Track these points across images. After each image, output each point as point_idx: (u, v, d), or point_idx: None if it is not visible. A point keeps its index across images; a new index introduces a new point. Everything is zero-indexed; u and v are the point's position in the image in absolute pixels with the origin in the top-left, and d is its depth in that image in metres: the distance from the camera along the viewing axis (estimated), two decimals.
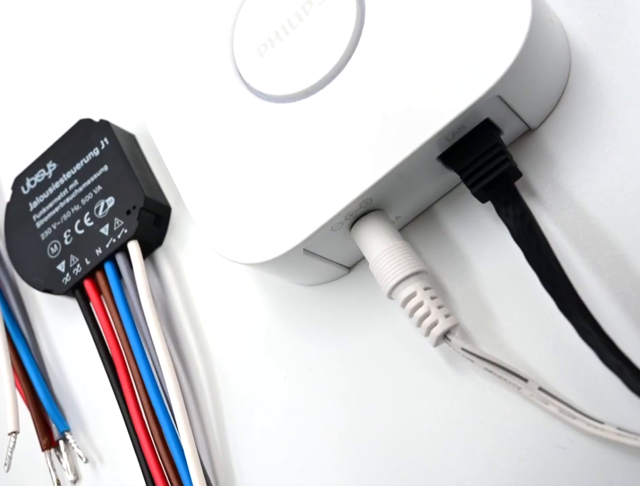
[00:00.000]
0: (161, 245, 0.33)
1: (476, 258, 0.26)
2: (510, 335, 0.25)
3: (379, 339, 0.27)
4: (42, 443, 0.33)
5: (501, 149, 0.24)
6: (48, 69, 0.39)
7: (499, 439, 0.24)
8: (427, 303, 0.24)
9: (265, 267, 0.26)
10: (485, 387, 0.24)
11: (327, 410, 0.27)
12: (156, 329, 0.30)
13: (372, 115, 0.24)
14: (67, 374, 0.34)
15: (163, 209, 0.33)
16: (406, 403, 0.26)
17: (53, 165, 0.34)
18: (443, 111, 0.22)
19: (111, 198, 0.32)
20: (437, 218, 0.27)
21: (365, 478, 0.26)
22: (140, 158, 0.34)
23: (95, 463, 0.32)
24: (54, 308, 0.35)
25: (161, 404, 0.29)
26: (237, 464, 0.29)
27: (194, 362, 0.31)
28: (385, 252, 0.25)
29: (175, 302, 0.32)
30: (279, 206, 0.25)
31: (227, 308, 0.31)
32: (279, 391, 0.28)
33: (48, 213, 0.34)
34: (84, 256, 0.32)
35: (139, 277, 0.31)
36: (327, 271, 0.28)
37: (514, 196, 0.23)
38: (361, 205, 0.24)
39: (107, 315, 0.32)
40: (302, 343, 0.28)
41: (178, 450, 0.28)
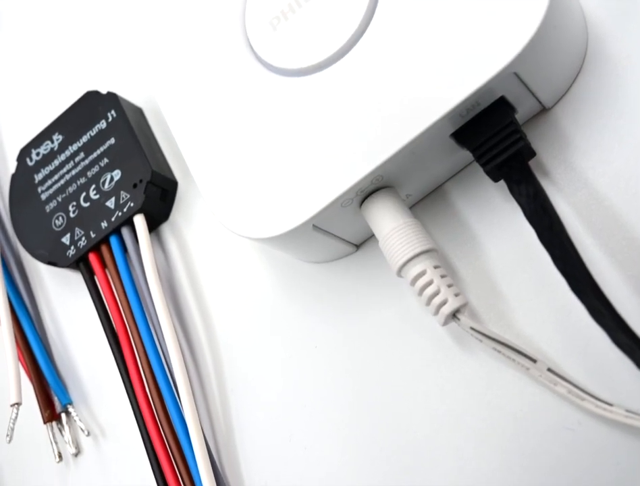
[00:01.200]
0: (167, 220, 0.33)
1: (487, 238, 0.26)
2: (519, 315, 0.24)
3: (386, 317, 0.27)
4: (44, 415, 0.33)
5: (516, 127, 0.23)
6: (56, 40, 0.39)
7: (507, 419, 0.24)
8: (437, 281, 0.24)
9: (273, 243, 0.26)
10: (492, 367, 0.24)
11: (332, 387, 0.27)
12: (161, 304, 0.30)
13: (386, 90, 0.24)
14: (69, 348, 0.34)
15: (169, 184, 0.32)
16: (412, 381, 0.26)
17: (59, 137, 0.34)
18: (460, 86, 0.22)
19: (118, 171, 0.32)
20: (448, 197, 0.27)
21: (369, 456, 0.26)
22: (147, 132, 0.33)
23: (97, 436, 0.32)
24: (57, 281, 0.35)
25: (165, 379, 0.29)
26: (241, 440, 0.28)
27: (198, 338, 0.31)
28: (396, 230, 0.24)
29: (180, 277, 0.32)
30: (289, 181, 0.25)
31: (233, 285, 0.30)
32: (284, 367, 0.28)
33: (53, 185, 0.33)
34: (89, 229, 0.32)
35: (145, 251, 0.31)
36: (335, 248, 0.27)
37: (527, 175, 0.23)
38: (372, 182, 0.24)
39: (112, 289, 0.31)
40: (308, 320, 0.28)
41: (181, 425, 0.28)
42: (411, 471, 0.25)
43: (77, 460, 0.32)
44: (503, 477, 0.23)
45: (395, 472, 0.25)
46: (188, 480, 0.28)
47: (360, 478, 0.26)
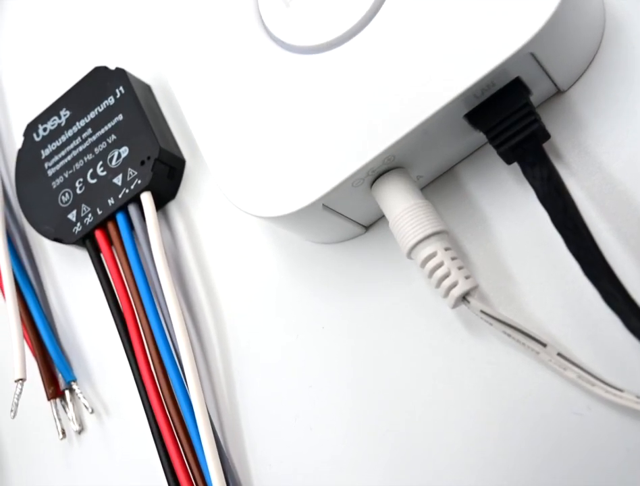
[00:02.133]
0: (174, 198, 0.33)
1: (498, 221, 0.25)
2: (530, 299, 0.24)
3: (394, 299, 0.27)
4: (48, 392, 0.32)
5: (531, 109, 0.23)
6: (64, 15, 0.38)
7: (515, 403, 0.24)
8: (447, 263, 0.24)
9: (283, 222, 0.26)
10: (502, 350, 0.24)
11: (339, 368, 0.27)
12: (167, 282, 0.29)
13: (400, 69, 0.23)
14: (74, 325, 0.34)
15: (177, 162, 0.32)
16: (419, 364, 0.25)
17: (67, 113, 0.34)
18: (476, 66, 0.22)
19: (125, 148, 0.32)
20: (459, 179, 0.26)
21: (375, 438, 0.26)
22: (156, 109, 0.33)
23: (101, 414, 0.32)
24: (63, 257, 0.35)
25: (170, 357, 0.29)
26: (245, 420, 0.28)
27: (204, 317, 0.31)
28: (407, 210, 0.24)
29: (187, 256, 0.32)
30: (300, 160, 0.25)
31: (240, 264, 0.30)
32: (291, 348, 0.28)
33: (60, 161, 0.33)
34: (95, 205, 0.32)
35: (151, 228, 0.30)
36: (344, 229, 0.27)
37: (541, 157, 0.23)
38: (384, 162, 0.24)
39: (118, 266, 0.31)
40: (315, 301, 0.28)
41: (186, 403, 0.28)
42: (416, 454, 0.25)
43: (80, 437, 0.32)
44: (510, 461, 0.23)
45: (400, 454, 0.25)
46: (192, 459, 0.28)
47: (365, 459, 0.26)
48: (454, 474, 0.24)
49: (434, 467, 0.25)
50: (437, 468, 0.25)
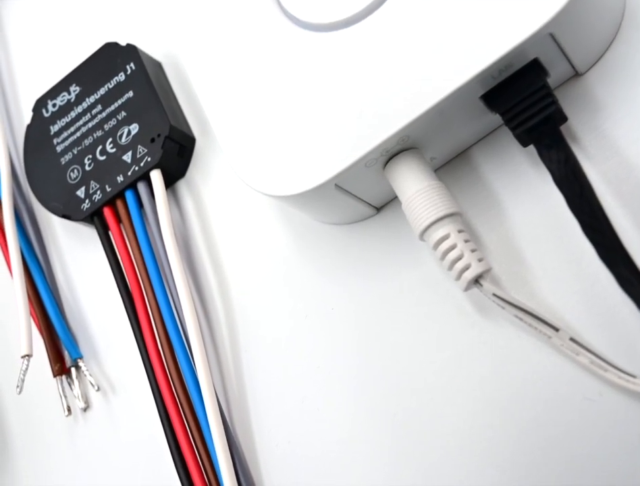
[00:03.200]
0: (184, 177, 0.33)
1: (512, 204, 0.25)
2: (543, 284, 0.24)
3: (405, 281, 0.26)
4: (54, 369, 0.32)
5: (548, 91, 0.23)
6: None
7: (526, 388, 0.23)
8: (460, 246, 0.23)
9: (294, 201, 0.25)
10: (513, 335, 0.24)
11: (348, 350, 0.27)
12: (176, 260, 0.29)
13: (416, 47, 0.23)
14: (81, 303, 0.34)
15: (187, 140, 0.32)
16: (430, 347, 0.25)
17: (76, 89, 0.33)
18: (495, 45, 0.22)
19: (135, 125, 0.31)
20: (473, 162, 0.26)
21: (383, 419, 0.26)
22: (166, 86, 0.33)
23: (107, 392, 0.32)
24: (70, 235, 0.35)
25: (178, 336, 0.29)
26: (253, 400, 0.28)
27: (211, 297, 0.30)
28: (420, 192, 0.24)
29: (196, 234, 0.32)
30: (313, 139, 0.24)
31: (249, 244, 0.30)
32: (299, 328, 0.28)
33: (69, 137, 0.33)
34: (104, 182, 0.31)
35: (161, 206, 0.30)
36: (355, 209, 0.27)
37: (558, 140, 0.22)
38: (398, 142, 0.24)
39: (126, 244, 0.31)
40: (325, 282, 0.28)
41: (193, 383, 0.28)
42: (424, 436, 0.25)
43: (86, 414, 0.32)
44: (519, 446, 0.23)
45: (408, 436, 0.25)
46: (198, 438, 0.27)
47: (373, 441, 0.26)
48: (462, 458, 0.24)
49: (442, 450, 0.24)
50: (445, 451, 0.24)
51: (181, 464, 0.27)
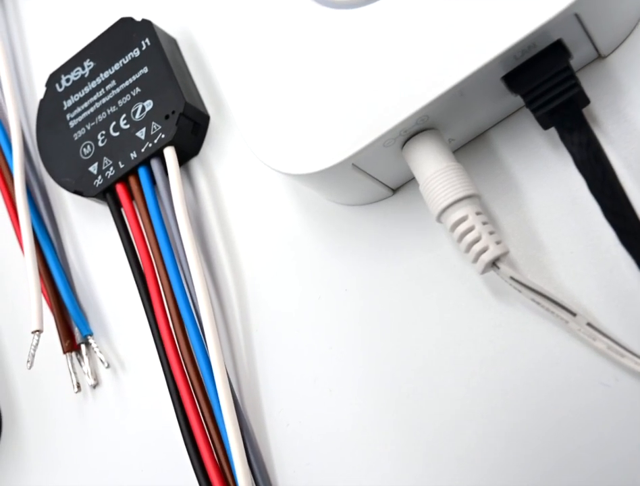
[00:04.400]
0: (197, 155, 0.32)
1: (530, 187, 0.25)
2: (560, 268, 0.24)
3: (420, 263, 0.26)
4: (64, 345, 0.32)
5: (571, 73, 0.22)
6: None
7: (541, 372, 0.23)
8: (478, 228, 0.23)
9: (310, 180, 0.25)
10: (529, 318, 0.24)
11: (361, 331, 0.27)
12: (188, 238, 0.29)
13: (439, 26, 0.23)
14: (91, 280, 0.34)
15: (202, 117, 0.32)
16: (444, 329, 0.25)
17: (91, 64, 0.33)
18: (519, 25, 0.21)
19: (150, 101, 0.31)
20: (492, 144, 0.26)
21: (396, 401, 0.25)
22: (181, 63, 0.33)
23: (116, 369, 0.32)
24: (82, 211, 0.35)
25: (189, 314, 0.28)
26: (264, 379, 0.28)
27: (224, 275, 0.30)
28: (439, 173, 0.24)
29: (208, 213, 0.31)
30: (331, 117, 0.24)
31: (262, 224, 0.30)
32: (312, 309, 0.28)
33: (82, 113, 0.33)
34: (117, 159, 0.31)
35: (174, 183, 0.30)
36: (371, 190, 0.27)
37: (580, 122, 0.22)
38: (417, 122, 0.23)
39: (138, 221, 0.31)
40: (339, 262, 0.28)
41: (205, 361, 0.28)
42: (437, 420, 0.25)
43: (95, 391, 0.32)
44: (533, 430, 0.23)
45: (421, 419, 0.25)
46: (209, 417, 0.27)
47: (385, 422, 0.26)
48: (475, 440, 0.24)
49: (455, 432, 0.24)
50: (458, 434, 0.24)
51: (191, 442, 0.27)
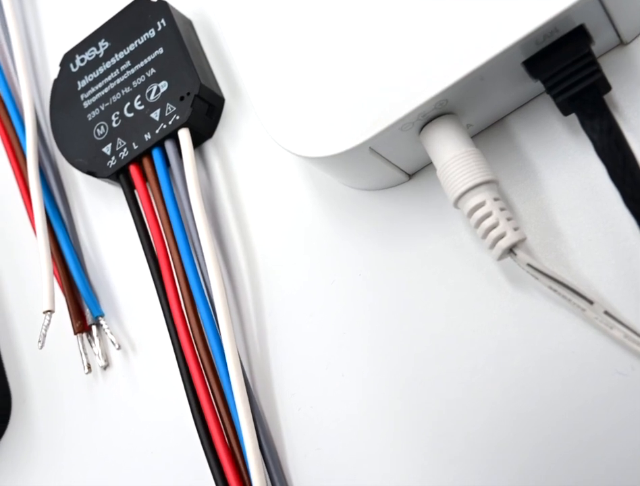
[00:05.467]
0: (211, 138, 0.32)
1: (548, 174, 0.25)
2: (578, 256, 0.24)
3: (435, 249, 0.26)
4: (75, 326, 0.32)
5: (593, 59, 0.22)
6: None
7: (557, 360, 0.23)
8: (496, 214, 0.23)
9: (326, 163, 0.25)
10: (546, 306, 0.24)
11: (375, 317, 0.26)
12: (202, 220, 0.29)
13: (461, 9, 0.22)
14: (103, 261, 0.34)
15: (217, 99, 0.31)
16: (459, 316, 0.25)
17: (105, 44, 0.33)
18: (542, 8, 0.21)
19: (165, 83, 0.31)
20: (510, 130, 0.26)
21: (409, 388, 0.25)
22: (197, 44, 0.32)
23: (127, 351, 0.32)
24: (95, 192, 0.34)
25: (202, 297, 0.28)
26: (276, 363, 0.28)
27: (236, 258, 0.30)
28: (457, 158, 0.23)
29: (222, 196, 0.31)
30: (349, 99, 0.24)
31: (276, 208, 0.30)
32: (326, 294, 0.28)
33: (97, 93, 0.33)
34: (131, 140, 0.31)
35: (188, 165, 0.30)
36: (387, 175, 0.26)
37: (601, 109, 0.22)
38: (436, 106, 0.23)
39: (151, 203, 0.31)
40: (353, 248, 0.28)
41: (217, 344, 0.28)
42: (451, 405, 0.25)
43: (106, 372, 0.32)
44: (548, 418, 0.23)
45: (435, 406, 0.25)
46: (220, 401, 0.27)
47: (399, 409, 0.25)
48: (489, 428, 0.24)
49: (468, 420, 0.24)
50: (473, 420, 0.24)
51: (202, 425, 0.27)
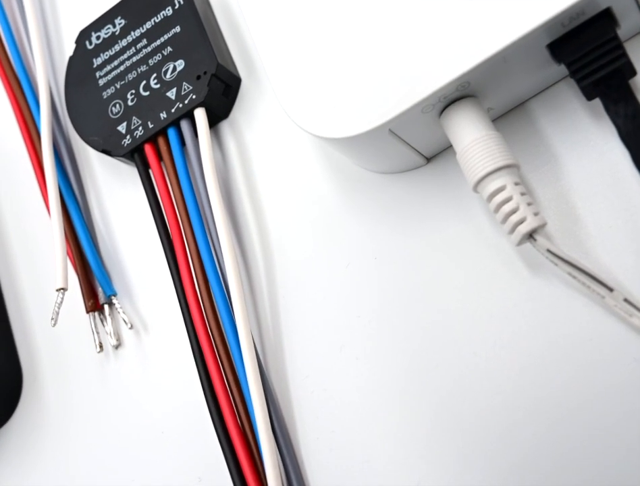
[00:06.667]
0: (227, 118, 0.32)
1: (569, 160, 0.24)
2: (598, 243, 0.23)
3: (453, 234, 0.26)
4: (87, 304, 0.32)
5: (619, 43, 0.22)
6: None
7: (574, 347, 0.23)
8: (517, 198, 0.23)
9: (345, 145, 0.25)
10: (564, 293, 0.23)
11: (390, 300, 0.26)
12: (217, 200, 0.29)
13: None
14: (117, 241, 0.33)
15: (233, 79, 0.31)
16: (475, 301, 0.25)
17: (122, 21, 0.33)
18: None
19: (181, 61, 0.31)
20: (531, 114, 0.25)
21: (424, 372, 0.25)
22: (214, 23, 0.32)
23: (139, 331, 0.32)
24: (109, 171, 0.34)
25: (216, 278, 0.28)
26: (289, 345, 0.28)
27: (250, 240, 0.30)
28: (477, 141, 0.23)
29: (237, 177, 0.31)
30: (370, 80, 0.24)
31: (291, 189, 0.29)
32: (340, 277, 0.27)
33: (112, 71, 0.32)
34: (147, 119, 0.31)
35: (204, 145, 0.29)
36: (405, 158, 0.26)
37: (626, 94, 0.22)
38: (458, 88, 0.23)
39: (166, 182, 0.30)
40: (369, 231, 0.27)
41: (230, 326, 0.27)
42: (466, 392, 0.24)
43: (117, 352, 0.32)
44: (564, 404, 0.23)
45: (448, 390, 0.25)
46: (233, 382, 0.27)
47: (412, 393, 0.25)
48: (504, 413, 0.24)
49: (483, 405, 0.24)
50: (486, 406, 0.24)
51: (214, 406, 0.27)
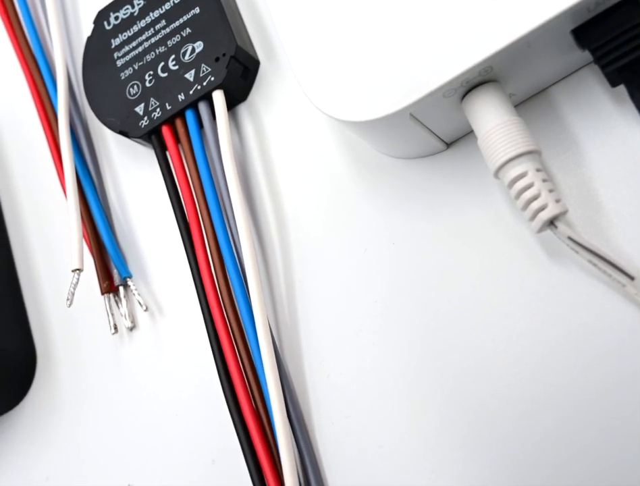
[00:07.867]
0: (245, 101, 0.32)
1: (591, 147, 0.24)
2: (619, 231, 0.23)
3: (472, 220, 0.26)
4: (102, 286, 0.32)
5: None
6: None
7: (594, 335, 0.23)
8: (538, 185, 0.22)
9: (365, 129, 0.25)
10: (584, 281, 0.23)
11: (408, 286, 0.26)
12: (234, 182, 0.28)
13: None
14: (133, 223, 0.33)
15: (252, 62, 0.31)
16: (494, 288, 0.25)
17: (141, 2, 0.33)
18: None
19: (200, 43, 0.30)
20: (553, 101, 0.25)
21: (441, 358, 0.25)
22: (233, 5, 0.32)
23: (154, 313, 0.32)
24: (125, 153, 0.34)
25: (233, 261, 0.28)
26: (305, 330, 0.28)
27: (267, 224, 0.30)
28: (499, 126, 0.23)
29: (254, 160, 0.31)
30: (392, 63, 0.23)
31: (309, 173, 0.29)
32: (358, 262, 0.27)
33: (130, 52, 0.32)
34: (165, 100, 0.31)
35: (222, 127, 0.29)
36: (425, 143, 0.26)
37: None
38: (480, 73, 0.23)
39: (183, 164, 0.30)
40: (387, 216, 0.27)
41: (246, 309, 0.27)
42: (484, 379, 0.24)
43: (132, 334, 0.32)
44: (583, 392, 0.23)
45: (466, 377, 0.25)
46: (248, 365, 0.27)
47: (429, 379, 0.25)
48: (523, 401, 0.23)
49: (500, 391, 0.24)
50: (504, 393, 0.24)
51: (229, 390, 0.27)
